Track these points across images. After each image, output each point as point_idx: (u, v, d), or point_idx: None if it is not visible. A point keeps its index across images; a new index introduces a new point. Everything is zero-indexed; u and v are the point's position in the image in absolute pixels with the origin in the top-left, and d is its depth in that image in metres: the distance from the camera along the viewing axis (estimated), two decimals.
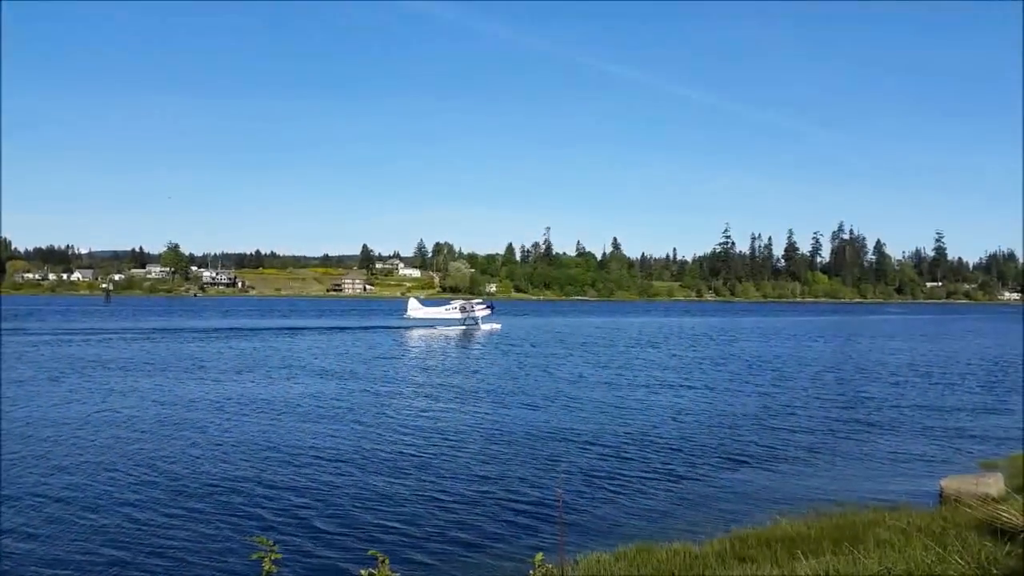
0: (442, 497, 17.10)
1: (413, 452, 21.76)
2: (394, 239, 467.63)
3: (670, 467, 20.21)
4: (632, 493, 17.66)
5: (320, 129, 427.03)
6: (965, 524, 11.27)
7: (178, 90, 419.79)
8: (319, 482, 18.37)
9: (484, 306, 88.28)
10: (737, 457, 21.55)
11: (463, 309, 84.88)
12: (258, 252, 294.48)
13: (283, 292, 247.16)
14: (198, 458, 20.78)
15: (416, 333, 76.96)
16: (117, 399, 31.21)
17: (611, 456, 21.34)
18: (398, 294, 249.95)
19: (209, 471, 19.36)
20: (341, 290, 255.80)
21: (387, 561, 4.14)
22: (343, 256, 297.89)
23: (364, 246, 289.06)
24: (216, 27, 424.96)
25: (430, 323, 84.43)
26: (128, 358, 48.32)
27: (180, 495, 17.11)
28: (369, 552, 4.36)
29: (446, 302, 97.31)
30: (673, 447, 22.68)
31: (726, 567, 10.89)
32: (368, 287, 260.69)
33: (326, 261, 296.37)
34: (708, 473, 19.74)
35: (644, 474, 19.37)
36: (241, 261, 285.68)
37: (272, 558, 4.42)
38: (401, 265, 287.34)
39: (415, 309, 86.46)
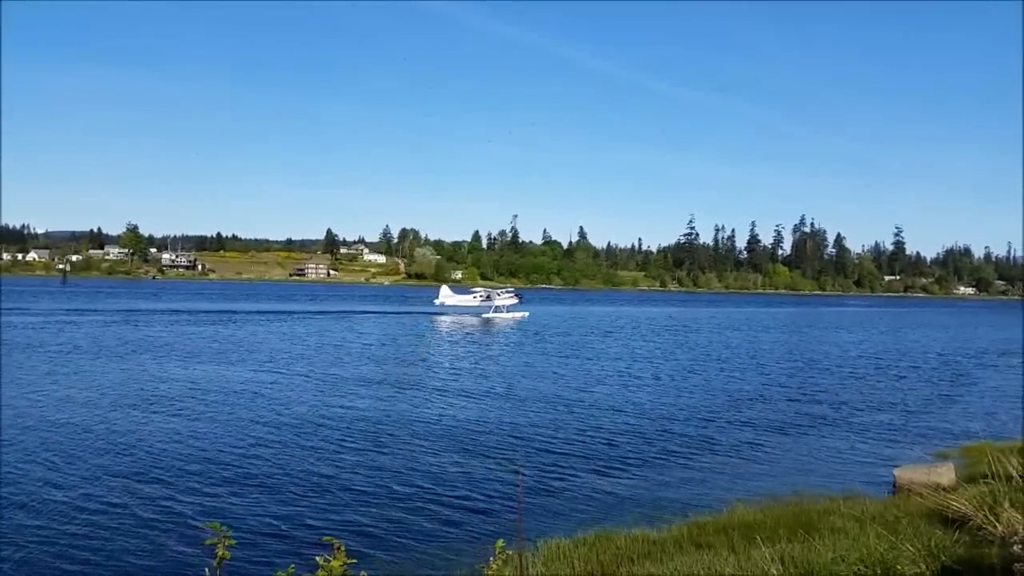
0: (401, 484, 17.03)
1: (372, 439, 21.63)
2: (359, 224, 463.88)
3: (630, 456, 20.35)
4: (592, 481, 17.76)
5: (284, 113, 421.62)
6: (917, 513, 11.51)
7: (140, 71, 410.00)
8: (276, 468, 18.18)
9: (511, 295, 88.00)
10: (695, 445, 21.78)
11: (488, 298, 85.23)
12: (219, 235, 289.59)
13: (244, 276, 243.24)
14: (152, 444, 20.46)
15: (444, 319, 77.75)
16: (109, 381, 30.60)
17: (571, 445, 21.42)
18: (362, 280, 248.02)
19: (165, 457, 19.08)
20: (304, 275, 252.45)
21: (343, 548, 4.05)
22: (307, 240, 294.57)
23: (328, 231, 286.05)
24: (185, 10, 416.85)
25: (459, 310, 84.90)
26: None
27: (134, 479, 16.82)
28: (323, 538, 4.26)
29: (466, 290, 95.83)
30: (633, 436, 22.84)
31: (684, 553, 11.00)
32: (332, 272, 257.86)
33: (289, 245, 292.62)
34: (666, 461, 19.92)
35: (604, 463, 19.48)
36: (202, 244, 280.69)
37: (226, 544, 4.29)
38: (366, 250, 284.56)
39: (446, 296, 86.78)
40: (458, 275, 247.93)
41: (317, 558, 4.18)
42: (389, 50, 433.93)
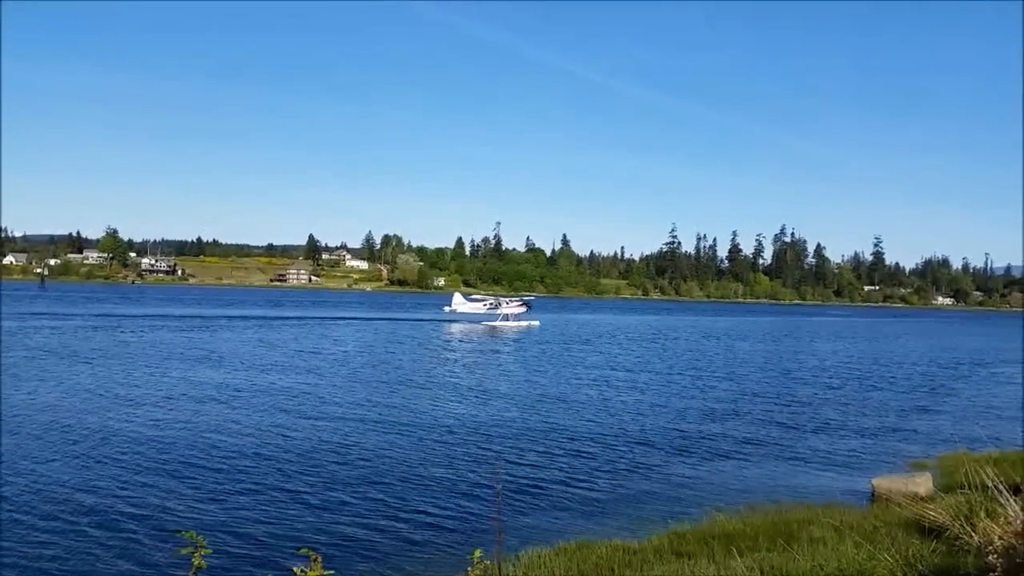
0: (379, 494, 16.88)
1: (350, 448, 21.46)
2: (342, 230, 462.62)
3: (611, 465, 20.34)
4: (573, 491, 17.72)
5: (268, 116, 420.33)
6: (895, 522, 11.58)
7: (119, 68, 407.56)
8: (250, 478, 17.95)
9: (518, 303, 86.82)
10: (676, 455, 21.81)
11: (492, 306, 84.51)
12: (199, 239, 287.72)
13: (225, 281, 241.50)
14: (122, 452, 20.21)
15: (453, 327, 77.27)
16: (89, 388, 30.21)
17: (551, 455, 21.31)
18: (345, 286, 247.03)
19: (136, 466, 18.84)
20: (285, 280, 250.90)
21: (319, 560, 4.02)
22: (288, 246, 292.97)
23: (310, 236, 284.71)
24: (161, 8, 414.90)
25: (469, 318, 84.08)
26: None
27: (102, 489, 16.59)
28: (300, 549, 4.22)
29: (466, 298, 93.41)
30: (612, 446, 22.82)
31: (664, 562, 11.00)
32: (314, 278, 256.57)
33: (270, 251, 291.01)
34: (648, 471, 19.93)
35: (585, 472, 19.45)
36: (182, 248, 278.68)
37: (202, 553, 4.25)
38: (348, 256, 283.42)
39: (459, 304, 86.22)
40: (441, 282, 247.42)
41: (294, 569, 4.14)
42: (375, 53, 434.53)
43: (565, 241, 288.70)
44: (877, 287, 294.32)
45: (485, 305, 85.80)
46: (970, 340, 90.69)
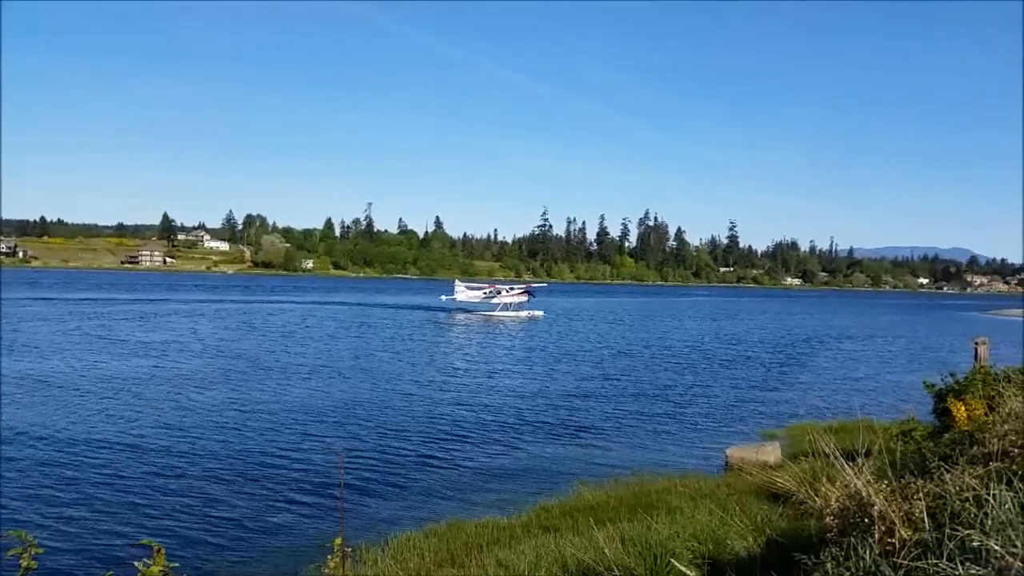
0: (234, 482, 16.31)
1: (203, 437, 20.51)
2: (199, 209, 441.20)
3: (483, 447, 20.48)
4: (445, 474, 17.72)
5: (113, 88, 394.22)
6: (746, 490, 12.26)
7: None
8: (94, 471, 16.87)
9: (518, 291, 79.66)
10: (546, 434, 22.24)
11: (487, 294, 78.72)
12: (43, 219, 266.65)
13: (72, 264, 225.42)
14: None
15: (443, 316, 73.17)
16: None
17: (422, 441, 21.09)
18: (203, 268, 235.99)
19: None
20: (138, 263, 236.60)
21: (163, 551, 3.78)
22: (140, 226, 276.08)
23: (165, 215, 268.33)
24: None
25: (467, 307, 78.65)
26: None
27: None
28: (142, 541, 3.96)
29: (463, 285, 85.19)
30: (483, 429, 22.93)
31: (531, 536, 11.18)
32: (169, 260, 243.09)
33: (121, 230, 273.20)
34: (518, 450, 20.23)
35: (457, 455, 19.48)
36: (23, 228, 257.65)
37: (32, 553, 3.91)
38: (207, 237, 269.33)
39: (459, 292, 79.34)
40: (309, 264, 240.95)
41: (136, 563, 3.89)
42: (236, 35, 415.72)
43: (438, 223, 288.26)
44: (732, 268, 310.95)
45: (483, 293, 79.46)
46: (812, 319, 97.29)
